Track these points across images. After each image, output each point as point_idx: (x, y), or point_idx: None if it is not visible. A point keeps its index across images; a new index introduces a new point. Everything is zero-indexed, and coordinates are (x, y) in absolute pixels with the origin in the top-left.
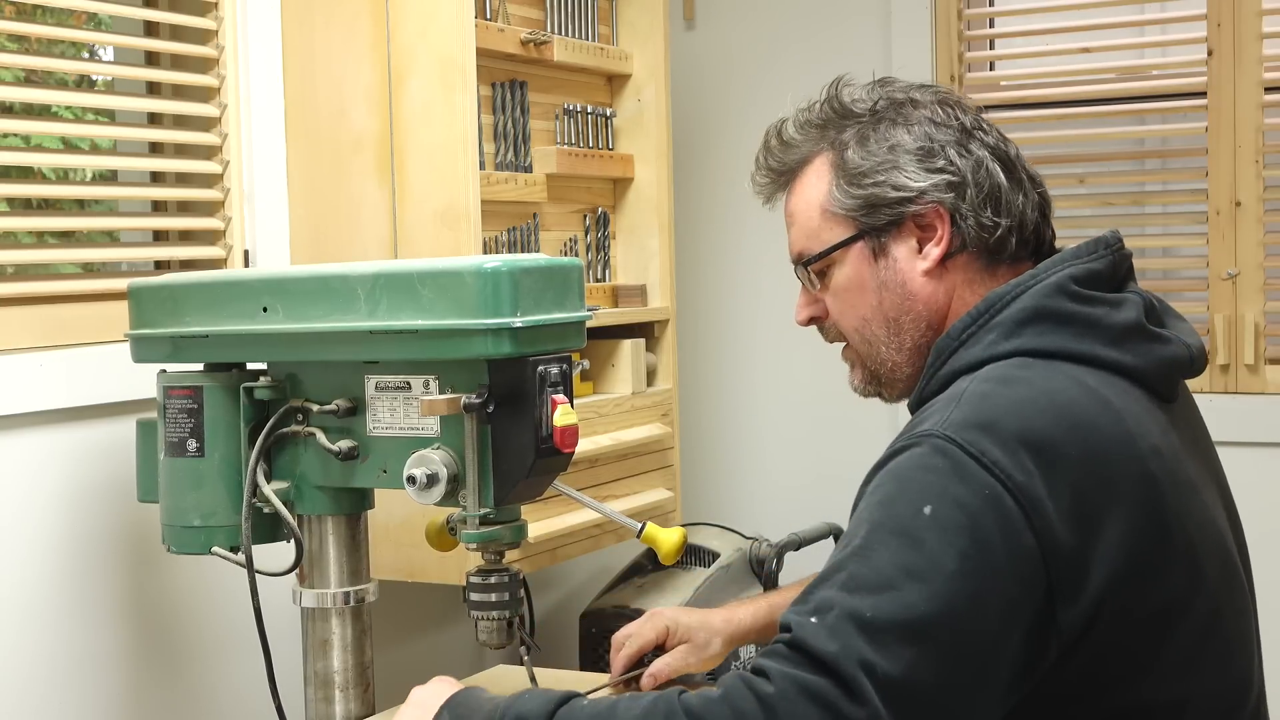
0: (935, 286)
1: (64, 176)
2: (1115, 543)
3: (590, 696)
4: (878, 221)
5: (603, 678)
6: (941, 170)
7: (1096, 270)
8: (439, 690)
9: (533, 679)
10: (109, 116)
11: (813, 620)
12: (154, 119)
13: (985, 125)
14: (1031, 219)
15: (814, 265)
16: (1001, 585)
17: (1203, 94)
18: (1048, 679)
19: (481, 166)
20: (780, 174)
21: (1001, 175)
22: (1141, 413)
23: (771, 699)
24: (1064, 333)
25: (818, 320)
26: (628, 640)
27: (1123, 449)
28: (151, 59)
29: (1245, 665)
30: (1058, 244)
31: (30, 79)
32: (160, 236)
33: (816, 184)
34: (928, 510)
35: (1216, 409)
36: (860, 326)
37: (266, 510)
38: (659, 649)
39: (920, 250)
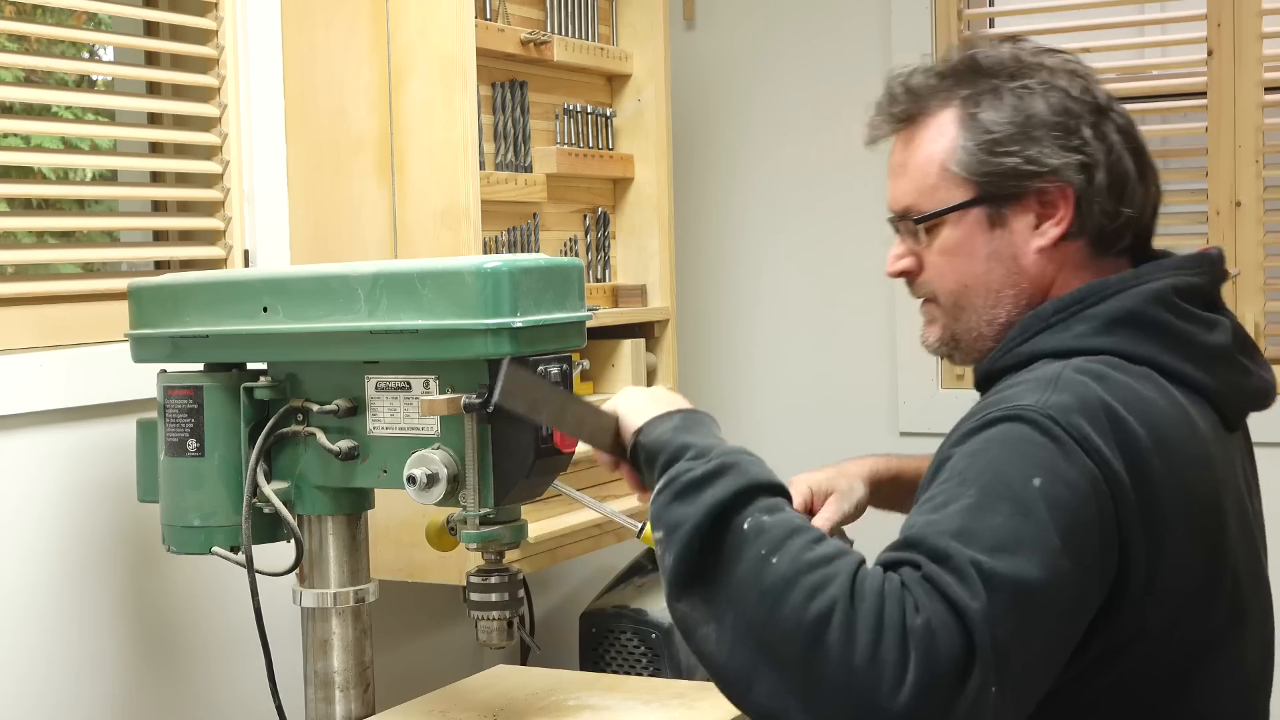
0: (1045, 265)
1: (64, 176)
2: (1178, 562)
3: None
4: (1001, 190)
5: (596, 675)
6: (1077, 149)
7: (1197, 285)
8: (670, 398)
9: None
10: (109, 116)
11: (930, 562)
12: (154, 119)
13: (1117, 106)
14: (1149, 215)
15: (924, 223)
16: (1089, 570)
17: (1203, 94)
18: (1072, 684)
19: (481, 166)
20: (899, 120)
21: (1131, 164)
22: (1215, 439)
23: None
24: (1156, 343)
25: (909, 275)
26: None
27: (1200, 473)
28: (151, 59)
29: (1264, 701)
30: None
31: (30, 79)
32: (160, 236)
33: (938, 139)
34: (1037, 482)
35: None
36: (958, 291)
37: (266, 510)
38: (808, 513)
39: (1037, 227)
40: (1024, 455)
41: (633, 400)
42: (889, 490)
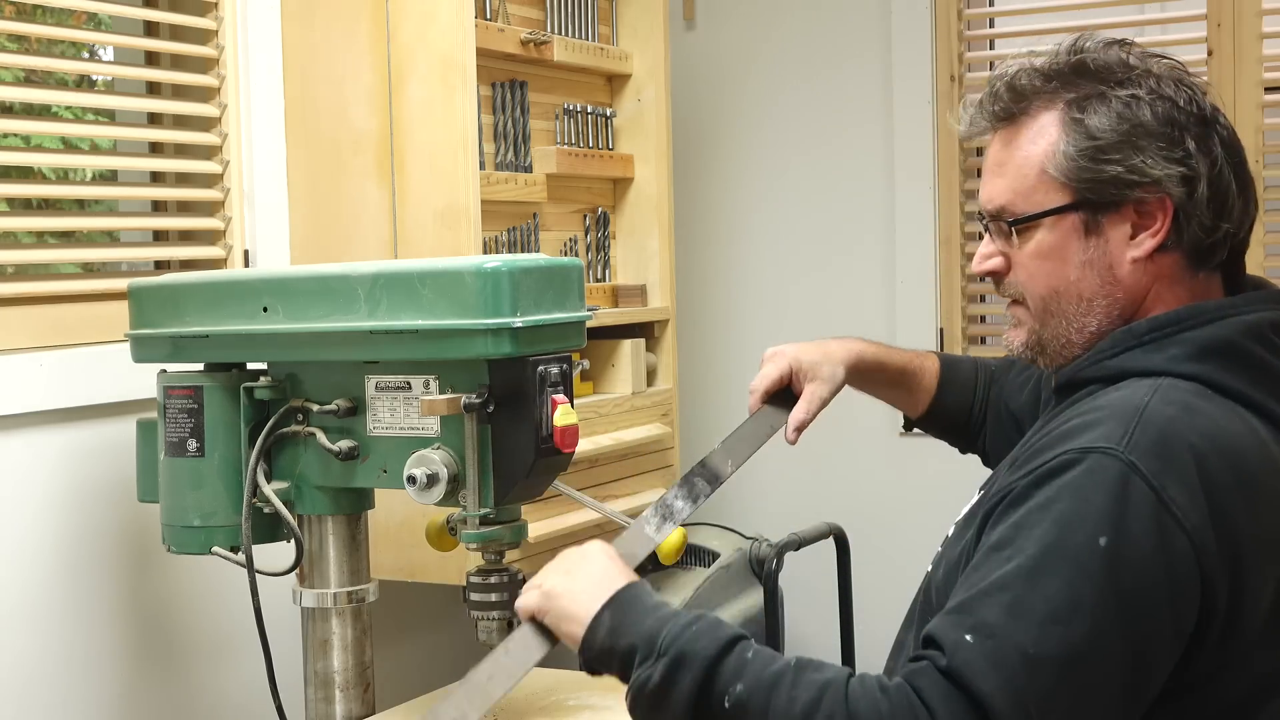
0: (1139, 276)
1: (64, 176)
2: (1259, 602)
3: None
4: (1101, 197)
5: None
6: (1180, 161)
7: None
8: (601, 571)
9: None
10: (109, 116)
11: (969, 639)
12: (154, 119)
13: (1222, 118)
14: (1245, 231)
15: (1019, 225)
16: (1161, 625)
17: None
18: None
19: (481, 166)
20: (1000, 118)
21: (1233, 178)
22: None
23: None
24: (1246, 375)
25: (997, 274)
26: (759, 383)
27: (1278, 511)
28: (151, 59)
29: None
30: None
31: (30, 79)
32: (160, 236)
33: (1040, 140)
34: (1103, 541)
35: None
36: (1048, 296)
37: (266, 510)
38: (788, 388)
39: (1134, 237)
40: (1096, 509)
41: (543, 598)
42: (869, 377)
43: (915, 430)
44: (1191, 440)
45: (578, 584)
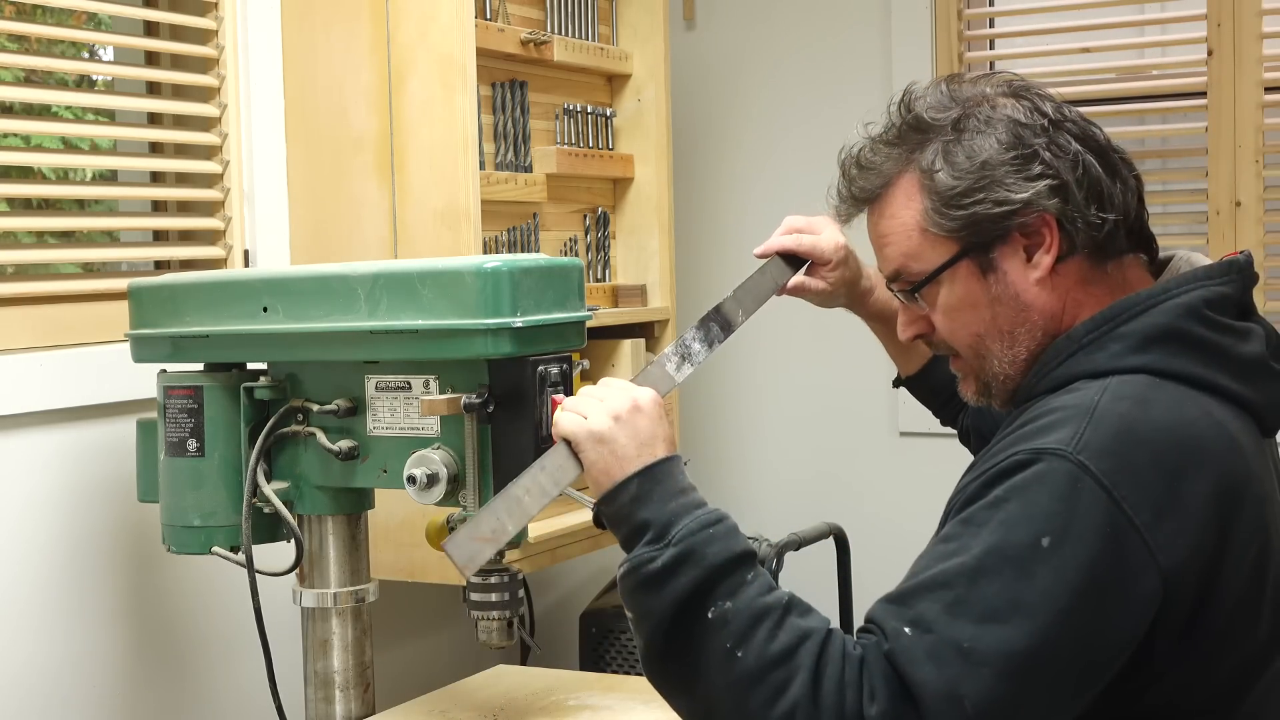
0: (1049, 294)
1: (64, 176)
2: (1228, 585)
3: None
4: (983, 238)
5: (596, 675)
6: (1040, 176)
7: (1227, 295)
8: (648, 429)
9: None
10: (109, 116)
11: (907, 631)
12: (154, 119)
13: (1067, 112)
14: (1133, 208)
15: (920, 289)
16: (1111, 623)
17: (1203, 94)
18: (1114, 706)
19: (481, 166)
20: (862, 201)
21: (1099, 167)
22: (1256, 453)
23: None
24: (1191, 357)
25: (924, 337)
26: (774, 243)
27: (1244, 490)
28: (151, 59)
29: None
30: None
31: (30, 79)
32: (160, 236)
33: (907, 205)
34: (1046, 542)
35: None
36: (973, 343)
37: (266, 510)
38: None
39: (1030, 259)
40: (1041, 511)
41: (586, 437)
42: (884, 319)
43: (915, 431)
44: (1146, 435)
45: (621, 436)
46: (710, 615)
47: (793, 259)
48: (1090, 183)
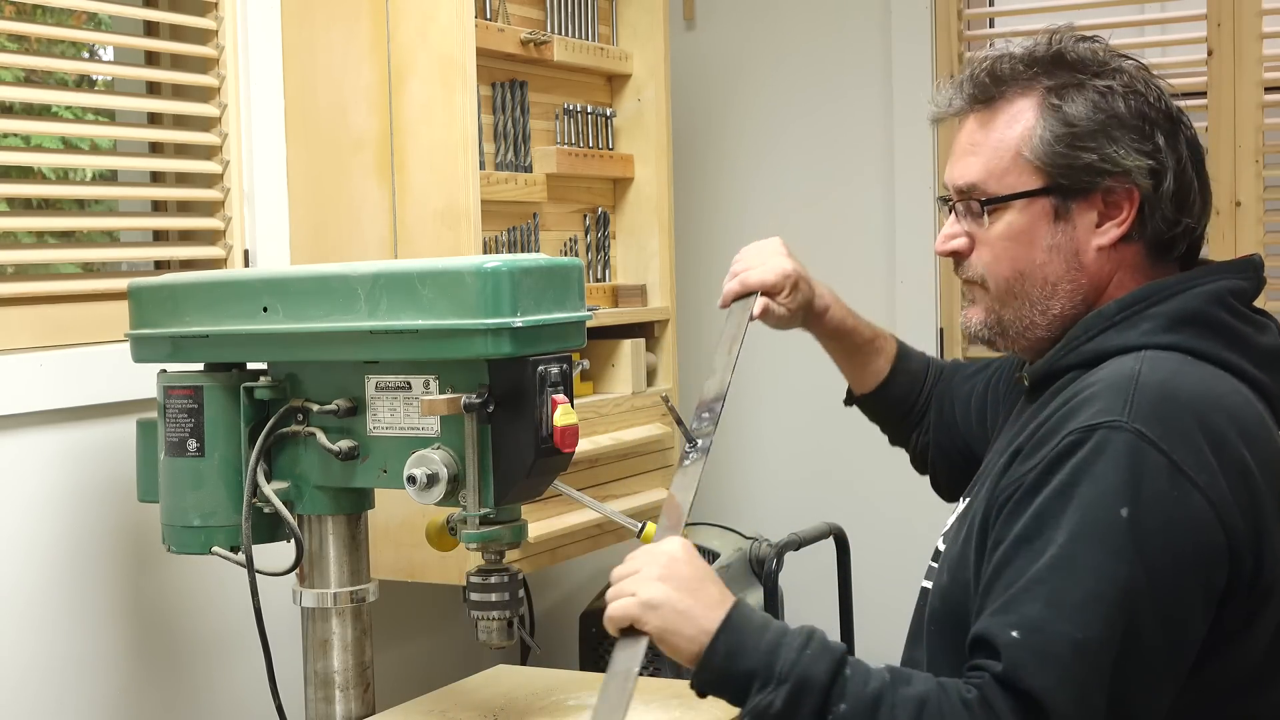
0: (1103, 265)
1: (64, 176)
2: (1274, 550)
3: None
4: (1073, 183)
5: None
6: (1150, 154)
7: (1246, 289)
8: (698, 579)
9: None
10: (109, 116)
11: (1015, 636)
12: (154, 119)
13: (1186, 118)
14: (1203, 225)
15: (991, 205)
16: (1194, 586)
17: (1203, 94)
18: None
19: (481, 166)
20: (978, 100)
21: (1195, 178)
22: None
23: None
24: (1218, 341)
25: (959, 255)
26: (747, 274)
27: (1276, 465)
28: (151, 59)
29: None
30: None
31: (30, 79)
32: (160, 236)
33: (1017, 123)
34: (1125, 513)
35: None
36: (1012, 278)
37: (266, 510)
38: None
39: (1099, 225)
40: (1112, 484)
41: (642, 609)
42: (838, 337)
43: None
44: (1189, 400)
45: (673, 593)
46: None
47: (747, 297)
48: (1182, 185)
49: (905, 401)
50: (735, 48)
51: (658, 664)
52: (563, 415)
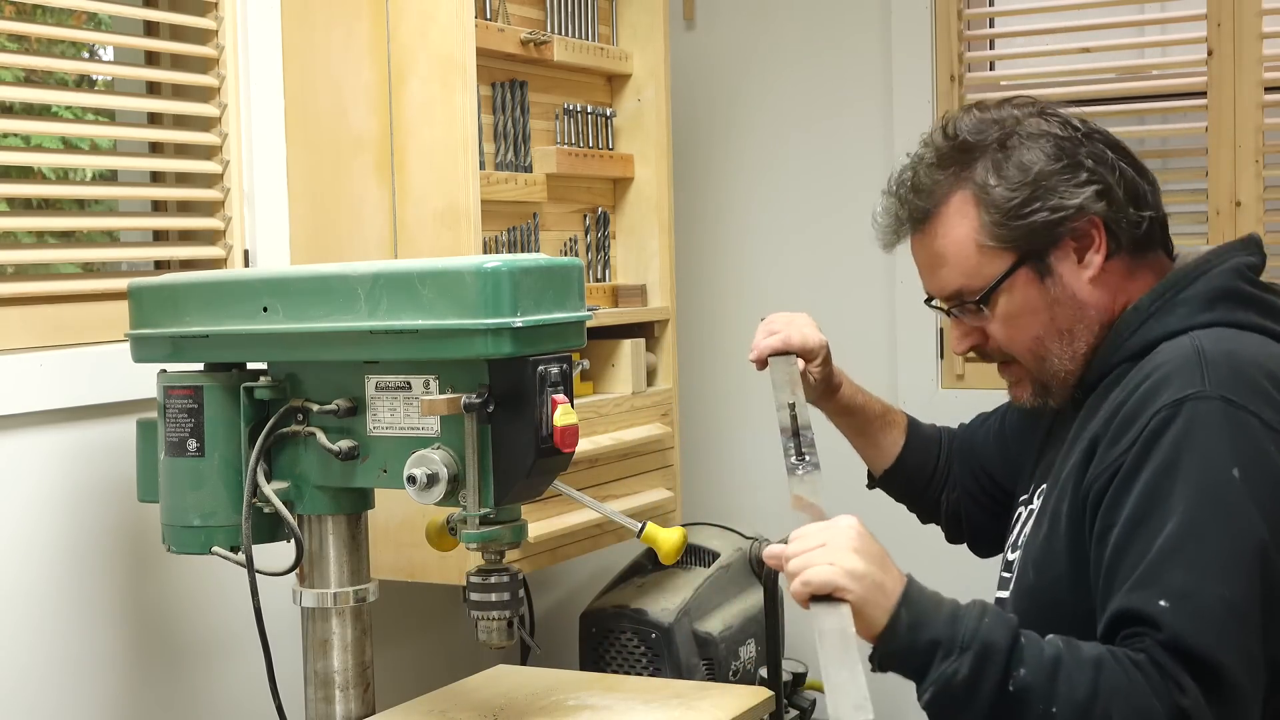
0: (1101, 290)
1: (64, 176)
2: None
3: None
4: (1039, 245)
5: (596, 675)
6: (1087, 182)
7: (1255, 264)
8: (881, 554)
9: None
10: (109, 116)
11: (1164, 605)
12: (154, 119)
13: (1092, 124)
14: (1160, 204)
15: (984, 301)
16: None
17: (1203, 94)
18: None
19: (481, 166)
20: (916, 221)
21: (1131, 170)
22: None
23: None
24: (1251, 311)
25: (977, 348)
26: (794, 334)
27: None
28: (151, 59)
29: None
30: None
31: (30, 79)
32: (160, 236)
33: (961, 222)
34: (1236, 473)
35: None
36: (1034, 346)
37: (266, 510)
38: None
39: (1081, 260)
40: (1215, 450)
41: (847, 578)
42: (851, 413)
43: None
44: (1253, 363)
45: (873, 568)
46: (1012, 689)
47: (783, 353)
48: (1127, 184)
49: (925, 467)
50: (735, 48)
51: (658, 664)
52: (563, 415)
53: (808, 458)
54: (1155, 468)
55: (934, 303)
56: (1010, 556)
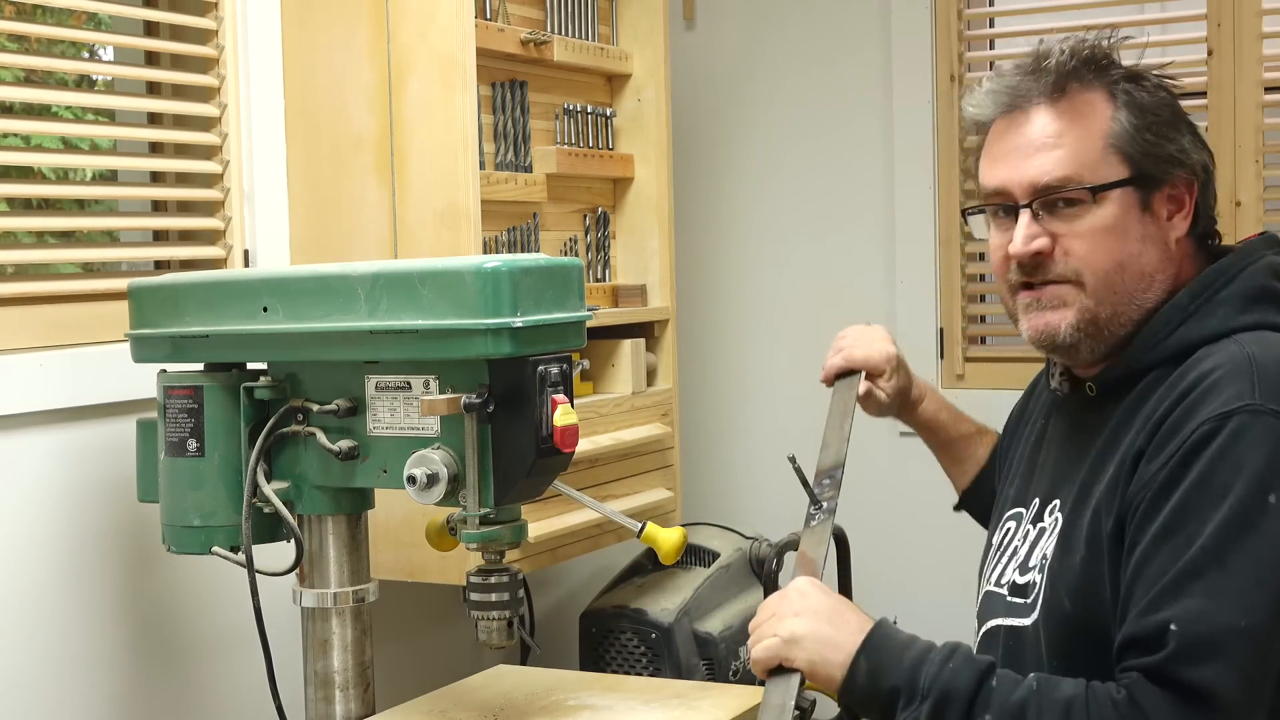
0: (1178, 255)
1: (64, 176)
2: None
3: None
4: (1155, 172)
5: (596, 675)
6: (1201, 148)
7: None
8: (831, 607)
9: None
10: (109, 116)
11: (1174, 629)
12: (154, 119)
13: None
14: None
15: (1097, 193)
16: None
17: (1203, 94)
18: None
19: (481, 166)
20: (1052, 91)
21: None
22: None
23: None
24: None
25: (1043, 254)
26: (854, 351)
27: None
28: (151, 59)
29: None
30: None
31: (30, 79)
32: (160, 236)
33: (1096, 113)
34: (1274, 499)
35: None
36: (1113, 270)
37: (267, 510)
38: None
39: (1170, 219)
40: (1253, 469)
41: (785, 646)
42: (935, 428)
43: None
44: None
45: (818, 627)
46: None
47: (850, 372)
48: (1212, 176)
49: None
50: (735, 48)
51: (658, 664)
52: (563, 415)
53: (825, 505)
54: (1191, 483)
55: (987, 203)
56: (1021, 579)
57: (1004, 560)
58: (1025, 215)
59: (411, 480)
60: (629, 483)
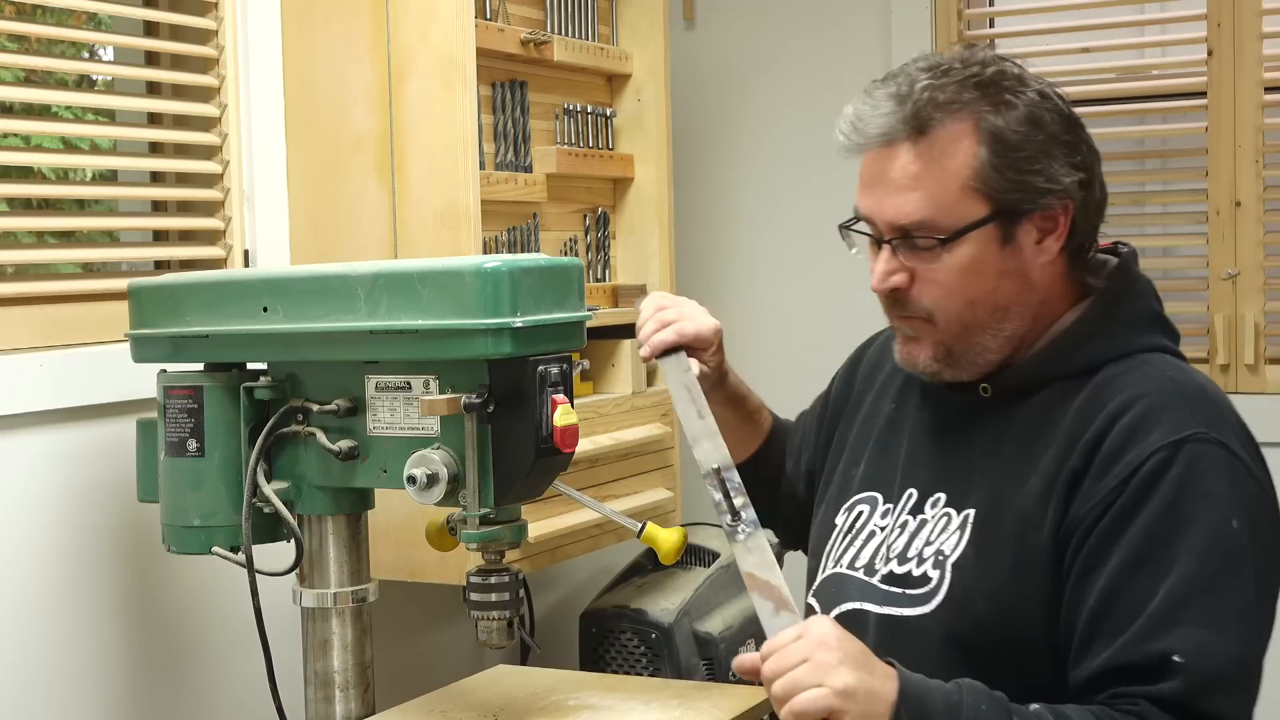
0: (1045, 279)
1: (64, 176)
2: None
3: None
4: (1020, 205)
5: (596, 675)
6: (1078, 167)
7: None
8: (860, 654)
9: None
10: (109, 116)
11: (1178, 660)
12: (154, 119)
13: (1078, 115)
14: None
15: (948, 242)
16: None
17: (1203, 94)
18: None
19: (481, 166)
20: (915, 130)
21: (1101, 179)
22: None
23: None
24: (1169, 336)
25: (899, 290)
26: (683, 325)
27: None
28: (151, 59)
29: None
30: None
31: (30, 79)
32: (160, 236)
33: (957, 153)
34: (1236, 524)
35: None
36: (964, 309)
37: (267, 510)
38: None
39: (1039, 242)
40: (1217, 497)
41: (840, 698)
42: (735, 400)
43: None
44: (1222, 401)
45: (864, 677)
46: None
47: (676, 348)
48: (1100, 189)
49: (773, 462)
50: (735, 48)
51: (658, 664)
52: (563, 415)
53: (743, 515)
54: (1154, 510)
55: (856, 226)
56: (900, 569)
57: (859, 544)
58: (885, 251)
59: (411, 480)
60: (629, 483)
